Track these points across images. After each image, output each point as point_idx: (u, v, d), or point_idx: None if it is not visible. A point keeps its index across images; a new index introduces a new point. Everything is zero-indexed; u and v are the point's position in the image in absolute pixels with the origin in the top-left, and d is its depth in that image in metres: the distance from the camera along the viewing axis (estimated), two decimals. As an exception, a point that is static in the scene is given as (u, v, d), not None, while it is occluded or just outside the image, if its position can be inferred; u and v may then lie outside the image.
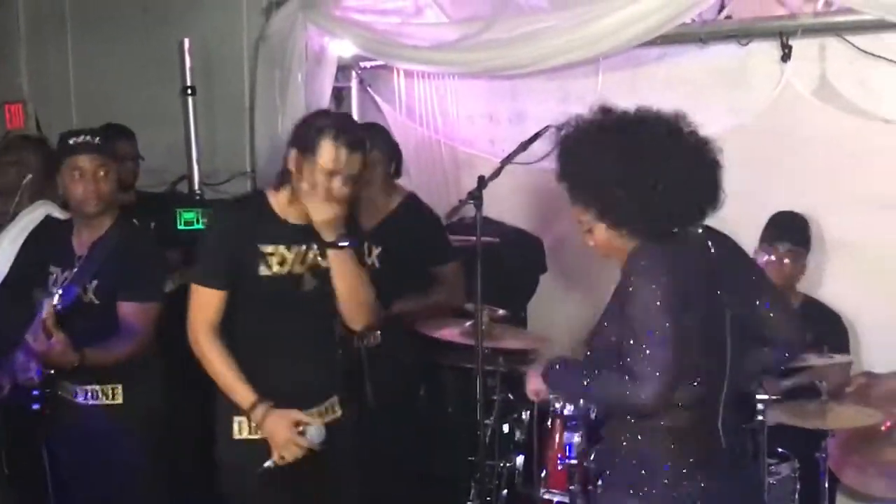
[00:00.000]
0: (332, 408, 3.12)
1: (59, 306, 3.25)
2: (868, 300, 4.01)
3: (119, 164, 4.50)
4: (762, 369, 2.83)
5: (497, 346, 3.67)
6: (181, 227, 4.54)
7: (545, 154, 3.51)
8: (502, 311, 3.74)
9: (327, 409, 3.10)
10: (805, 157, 4.08)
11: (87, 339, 3.28)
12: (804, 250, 3.94)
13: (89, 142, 3.40)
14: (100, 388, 3.43)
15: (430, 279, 4.06)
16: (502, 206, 4.30)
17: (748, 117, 4.14)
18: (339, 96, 5.19)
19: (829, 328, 3.90)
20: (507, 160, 3.60)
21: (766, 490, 3.26)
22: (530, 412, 3.49)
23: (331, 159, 2.87)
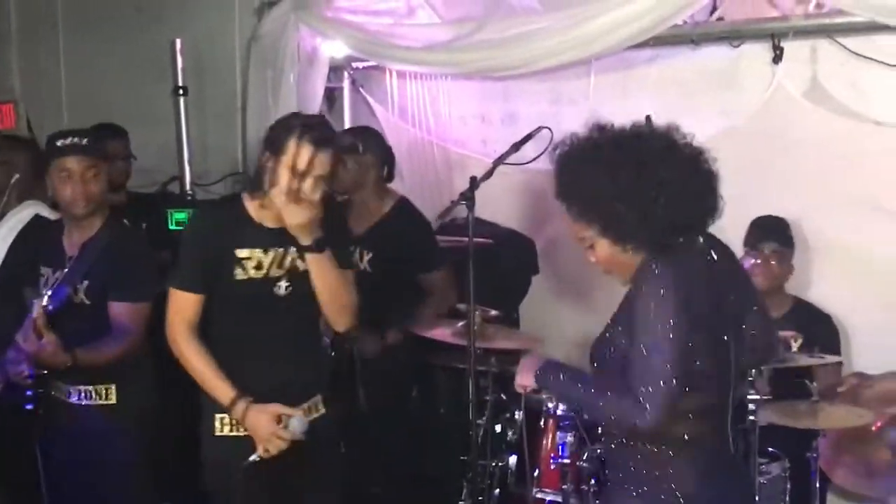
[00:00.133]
0: (315, 406, 3.13)
1: (49, 307, 3.25)
2: (859, 302, 4.02)
3: (110, 163, 4.52)
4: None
5: (489, 347, 3.67)
6: (172, 228, 4.55)
7: (537, 155, 3.53)
8: (495, 312, 3.75)
9: (310, 407, 3.11)
10: (796, 159, 4.09)
11: (79, 340, 3.28)
12: (789, 251, 3.96)
13: (77, 143, 3.38)
14: (93, 387, 3.43)
15: (420, 286, 4.07)
16: (494, 206, 4.30)
17: (740, 119, 4.15)
18: (332, 97, 5.19)
19: (821, 329, 3.92)
20: (500, 161, 3.61)
21: (757, 489, 3.27)
22: (523, 412, 3.49)
23: (297, 158, 2.82)
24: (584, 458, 3.31)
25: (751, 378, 3.30)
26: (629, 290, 2.44)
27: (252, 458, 2.92)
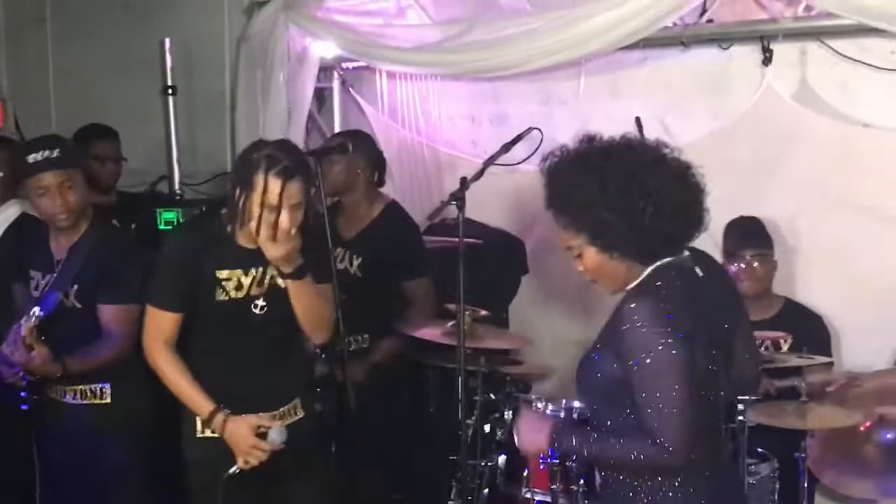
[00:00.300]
0: (293, 410, 3.16)
1: (41, 313, 3.24)
2: (847, 302, 4.04)
3: (99, 165, 4.52)
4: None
5: (479, 347, 3.67)
6: (162, 228, 4.53)
7: (527, 156, 3.53)
8: (484, 312, 3.75)
9: (289, 411, 3.14)
10: (785, 161, 4.11)
11: (71, 344, 3.31)
12: (770, 250, 3.97)
13: (49, 158, 3.31)
14: (88, 387, 3.43)
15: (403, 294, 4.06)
16: (484, 207, 4.30)
17: (729, 120, 4.18)
18: (321, 97, 5.19)
19: (811, 329, 3.94)
20: (490, 161, 3.61)
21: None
22: (512, 411, 3.49)
23: (267, 194, 2.82)
24: (573, 458, 3.31)
25: (741, 407, 3.30)
26: (613, 317, 2.42)
27: (232, 469, 2.94)
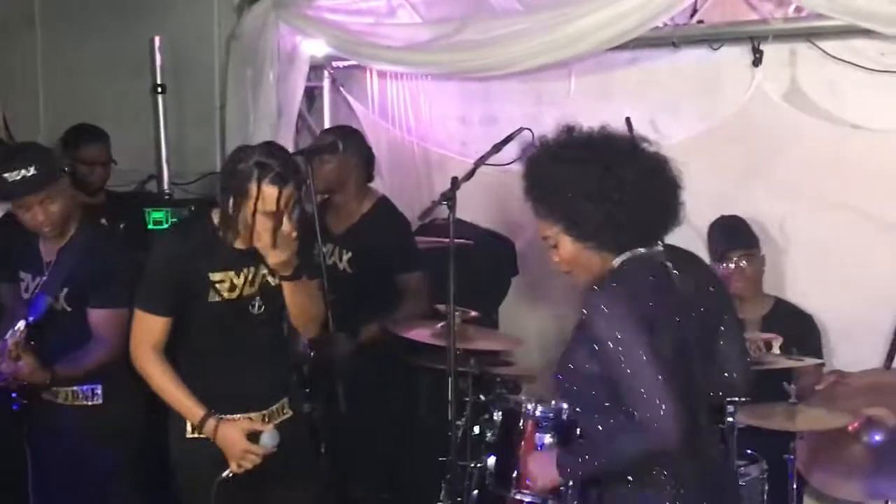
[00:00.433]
0: (281, 409, 3.16)
1: (31, 319, 3.24)
2: (836, 301, 4.05)
3: (88, 168, 4.50)
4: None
5: (469, 348, 3.67)
6: (151, 227, 4.51)
7: (518, 157, 3.52)
8: (474, 313, 3.74)
9: (277, 410, 3.14)
10: (775, 161, 4.12)
11: (60, 347, 3.31)
12: (756, 249, 3.97)
13: (25, 178, 3.25)
14: (79, 389, 3.42)
15: (396, 288, 4.06)
16: (474, 207, 4.30)
17: (719, 121, 4.18)
18: (311, 96, 5.18)
19: (802, 329, 3.95)
20: (481, 162, 3.61)
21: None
22: (502, 413, 3.49)
23: (262, 201, 2.82)
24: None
25: (731, 409, 3.31)
26: (582, 314, 2.41)
27: (225, 473, 2.94)
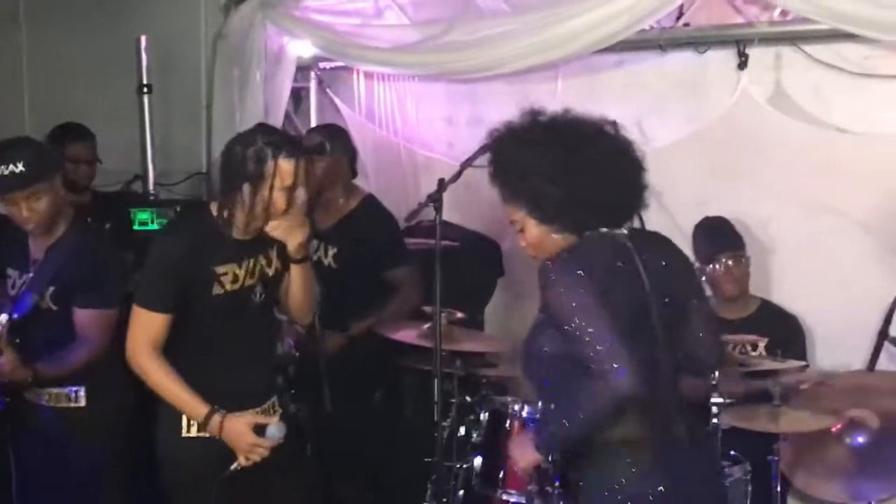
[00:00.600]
0: (271, 408, 3.16)
1: (15, 316, 3.22)
2: (821, 303, 4.07)
3: (73, 167, 4.47)
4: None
5: (455, 349, 3.68)
6: (136, 228, 4.50)
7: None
8: (460, 315, 3.75)
9: (268, 408, 3.14)
10: (760, 164, 4.14)
11: (44, 346, 3.29)
12: (742, 250, 3.99)
13: (13, 174, 3.22)
14: (63, 392, 3.41)
15: (385, 283, 4.06)
16: (460, 209, 4.31)
17: (704, 124, 4.20)
18: (298, 97, 5.17)
19: (787, 330, 3.97)
20: (468, 163, 3.60)
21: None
22: (488, 413, 3.49)
23: (279, 177, 2.85)
24: (549, 459, 3.31)
25: (714, 381, 3.32)
26: (540, 290, 2.43)
27: (233, 467, 2.92)
